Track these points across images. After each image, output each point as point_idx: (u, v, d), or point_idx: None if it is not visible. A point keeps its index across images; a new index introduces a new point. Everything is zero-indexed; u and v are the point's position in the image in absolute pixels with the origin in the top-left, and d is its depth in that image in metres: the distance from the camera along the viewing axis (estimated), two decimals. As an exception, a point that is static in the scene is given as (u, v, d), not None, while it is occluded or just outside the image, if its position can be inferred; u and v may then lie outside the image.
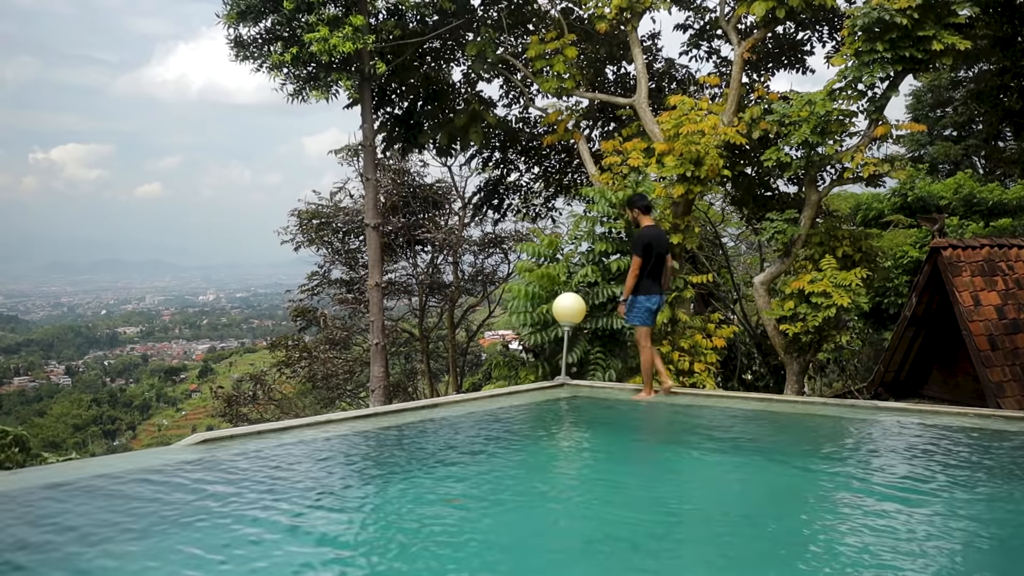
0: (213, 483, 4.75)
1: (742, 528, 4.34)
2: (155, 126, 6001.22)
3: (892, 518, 4.29)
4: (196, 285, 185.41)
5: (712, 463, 5.80)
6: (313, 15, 11.43)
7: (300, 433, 6.14)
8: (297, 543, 3.79)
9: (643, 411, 7.66)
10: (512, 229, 19.75)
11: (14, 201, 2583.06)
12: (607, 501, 4.86)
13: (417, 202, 18.91)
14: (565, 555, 3.86)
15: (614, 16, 12.40)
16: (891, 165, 10.91)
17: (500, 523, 4.32)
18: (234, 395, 20.54)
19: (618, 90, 15.88)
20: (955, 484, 4.98)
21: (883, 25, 9.73)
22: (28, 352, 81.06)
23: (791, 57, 15.44)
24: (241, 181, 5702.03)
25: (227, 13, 11.76)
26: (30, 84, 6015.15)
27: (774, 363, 14.54)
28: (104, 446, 47.23)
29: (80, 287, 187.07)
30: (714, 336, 10.57)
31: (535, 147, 16.92)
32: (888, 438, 6.51)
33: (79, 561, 3.49)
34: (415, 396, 20.58)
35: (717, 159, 10.23)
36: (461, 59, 15.08)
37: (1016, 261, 10.62)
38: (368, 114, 13.35)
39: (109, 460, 5.64)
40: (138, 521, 4.02)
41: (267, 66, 12.02)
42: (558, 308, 8.70)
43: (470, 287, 20.24)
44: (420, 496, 4.72)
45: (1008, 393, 9.54)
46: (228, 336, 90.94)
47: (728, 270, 17.88)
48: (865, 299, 10.67)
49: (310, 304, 20.44)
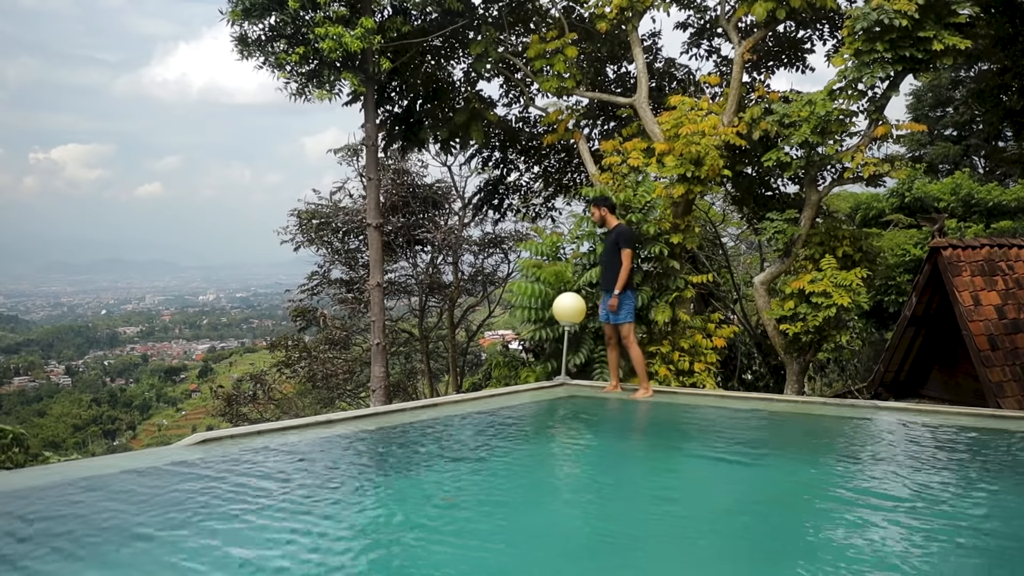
0: (213, 482, 4.74)
1: (742, 527, 4.34)
2: (156, 126, 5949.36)
3: (892, 517, 4.29)
4: (196, 285, 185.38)
5: (712, 463, 5.79)
6: (319, 13, 11.45)
7: (300, 433, 6.14)
8: (297, 542, 3.79)
9: (642, 411, 7.65)
10: (512, 229, 19.76)
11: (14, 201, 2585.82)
12: (606, 501, 4.86)
13: (417, 202, 18.89)
14: (564, 554, 3.86)
15: (615, 15, 12.39)
16: (891, 165, 10.90)
17: (499, 523, 4.32)
18: (234, 395, 20.54)
19: (618, 89, 15.87)
20: (955, 483, 4.98)
21: (883, 25, 9.72)
22: (28, 352, 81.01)
23: (791, 56, 15.42)
24: (241, 181, 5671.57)
25: (231, 10, 11.78)
26: (31, 84, 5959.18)
27: (774, 363, 14.53)
28: (104, 446, 47.22)
29: (80, 287, 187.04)
30: (714, 336, 10.56)
31: (535, 147, 16.91)
32: (888, 438, 6.51)
33: (74, 561, 3.49)
34: (415, 396, 20.57)
35: (717, 159, 10.22)
36: (462, 58, 15.07)
37: (1016, 261, 10.61)
38: (371, 113, 13.34)
39: (109, 460, 5.64)
40: (138, 521, 4.01)
41: (270, 64, 12.03)
42: (558, 308, 8.71)
43: (470, 287, 20.23)
44: (420, 495, 4.72)
45: (1008, 393, 9.54)
46: (228, 336, 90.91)
47: (728, 270, 17.88)
48: (866, 299, 10.66)
49: (310, 304, 20.42)
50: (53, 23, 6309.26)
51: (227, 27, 12.01)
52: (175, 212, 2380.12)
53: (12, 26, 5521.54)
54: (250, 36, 12.12)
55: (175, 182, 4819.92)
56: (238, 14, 11.74)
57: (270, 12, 11.80)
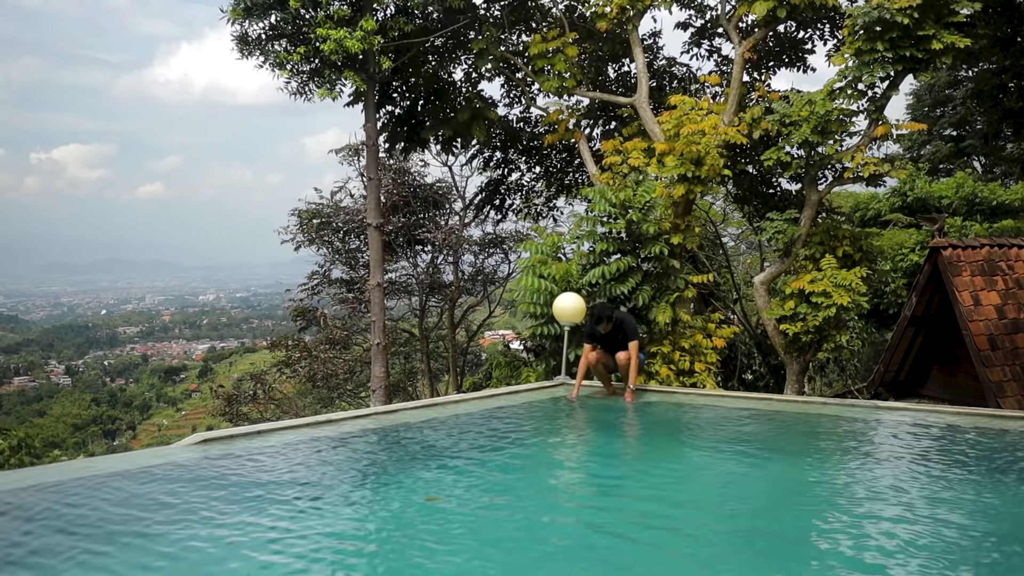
0: (213, 482, 4.74)
1: (742, 526, 4.34)
2: (157, 126, 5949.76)
3: (892, 517, 4.29)
4: (196, 285, 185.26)
5: (712, 462, 5.80)
6: (320, 12, 11.46)
7: (300, 432, 6.14)
8: (296, 541, 3.79)
9: (642, 411, 7.65)
10: (512, 229, 19.75)
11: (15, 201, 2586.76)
12: (606, 500, 4.86)
13: (417, 202, 18.89)
14: (564, 553, 3.86)
15: (615, 14, 12.40)
16: (891, 165, 10.91)
17: (498, 521, 4.32)
18: (234, 394, 20.52)
19: (619, 89, 15.87)
20: (955, 483, 4.98)
21: (883, 24, 9.73)
22: (28, 352, 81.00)
23: (792, 55, 15.43)
24: (243, 181, 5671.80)
25: (232, 9, 11.78)
26: (33, 84, 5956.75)
27: (774, 363, 14.53)
28: (104, 446, 47.17)
29: (80, 287, 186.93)
30: (714, 336, 10.57)
31: (536, 147, 16.92)
32: (888, 437, 6.51)
33: (71, 562, 3.50)
34: (415, 396, 20.56)
35: (718, 159, 10.23)
36: (463, 58, 15.07)
37: (1016, 261, 10.61)
38: (371, 113, 13.35)
39: (108, 460, 5.64)
40: (137, 520, 4.02)
41: (271, 63, 12.03)
42: (558, 308, 8.71)
43: (470, 287, 20.23)
44: (420, 494, 4.72)
45: (1008, 393, 9.54)
46: (228, 336, 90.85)
47: (728, 270, 17.88)
48: (866, 299, 10.66)
49: (310, 304, 20.41)
50: (56, 23, 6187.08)
51: (228, 26, 12.04)
52: (176, 212, 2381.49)
53: (15, 26, 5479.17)
54: (251, 35, 12.14)
55: (176, 182, 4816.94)
56: (239, 13, 11.75)
57: (271, 11, 11.81)
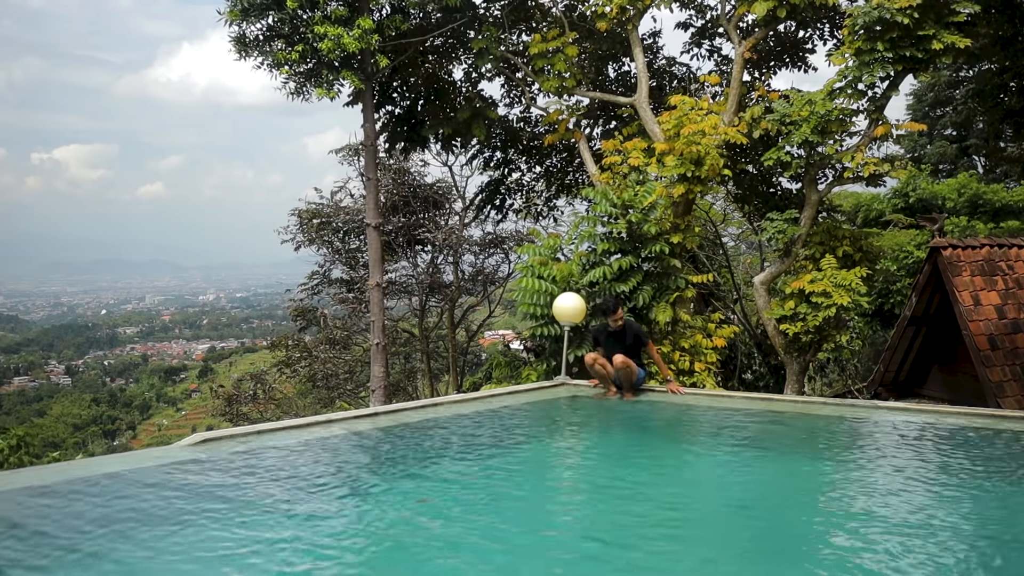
0: (213, 482, 4.74)
1: (743, 526, 4.34)
2: (158, 126, 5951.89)
3: (892, 517, 4.28)
4: (196, 285, 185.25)
5: (711, 462, 5.79)
6: (318, 13, 11.46)
7: (300, 432, 6.14)
8: (295, 541, 3.78)
9: (642, 410, 7.65)
10: (512, 229, 19.75)
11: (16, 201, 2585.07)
12: (605, 499, 4.85)
13: (417, 202, 18.88)
14: (563, 553, 3.86)
15: (615, 14, 12.39)
16: (891, 165, 10.90)
17: (497, 521, 4.32)
18: (234, 394, 20.52)
19: (619, 89, 15.87)
20: (954, 482, 4.97)
21: (884, 24, 9.72)
22: (28, 352, 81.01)
23: (792, 55, 15.42)
24: (243, 181, 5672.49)
25: (230, 10, 11.78)
26: (34, 85, 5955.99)
27: (774, 363, 14.53)
28: (104, 446, 47.15)
29: (80, 287, 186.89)
30: (714, 336, 10.56)
31: (536, 147, 16.91)
32: (888, 437, 6.50)
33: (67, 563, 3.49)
34: (415, 396, 20.55)
35: (718, 159, 10.22)
36: (463, 58, 15.07)
37: (1016, 261, 10.61)
38: (370, 113, 13.36)
39: (108, 460, 5.63)
40: (136, 520, 4.01)
41: (268, 63, 12.03)
42: (558, 308, 8.71)
43: (470, 287, 20.22)
44: (419, 495, 4.72)
45: (1008, 393, 9.53)
46: (228, 336, 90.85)
47: (728, 270, 17.88)
48: (866, 299, 10.65)
49: (310, 304, 20.42)
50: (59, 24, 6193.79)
51: (226, 27, 12.03)
52: (176, 212, 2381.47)
53: (17, 27, 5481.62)
54: (248, 36, 12.13)
55: (177, 182, 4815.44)
56: (236, 14, 11.75)
57: (268, 11, 11.81)
